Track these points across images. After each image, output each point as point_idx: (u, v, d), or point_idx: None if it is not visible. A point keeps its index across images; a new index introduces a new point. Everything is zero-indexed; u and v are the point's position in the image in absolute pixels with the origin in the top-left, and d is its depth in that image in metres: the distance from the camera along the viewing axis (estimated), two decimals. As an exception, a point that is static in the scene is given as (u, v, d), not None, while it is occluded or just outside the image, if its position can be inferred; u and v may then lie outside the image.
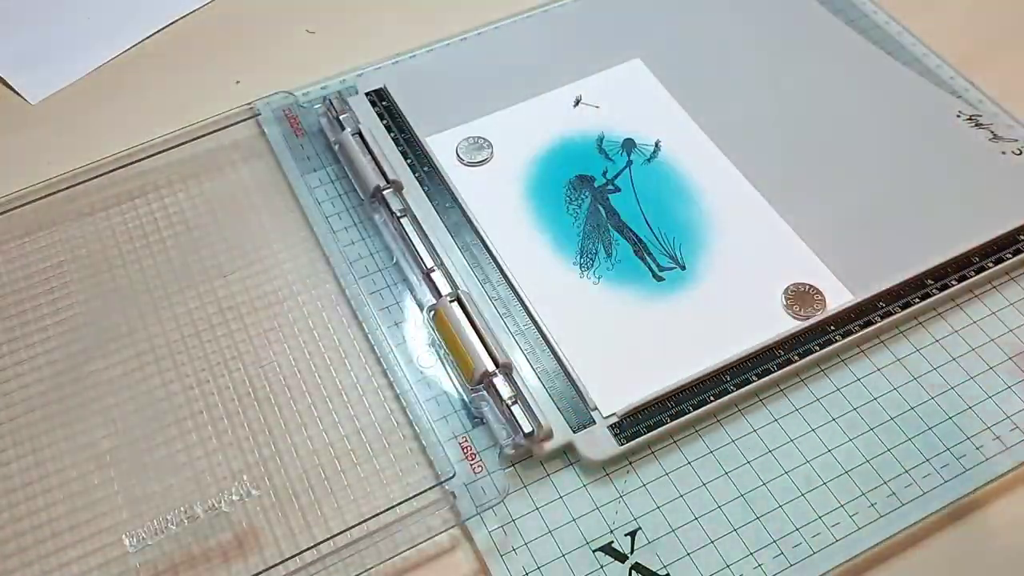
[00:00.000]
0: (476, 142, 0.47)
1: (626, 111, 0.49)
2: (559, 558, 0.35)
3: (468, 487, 0.36)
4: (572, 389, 0.39)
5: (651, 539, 0.36)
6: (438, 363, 0.40)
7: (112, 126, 0.50)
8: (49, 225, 0.45)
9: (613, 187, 0.46)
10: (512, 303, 0.41)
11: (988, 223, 0.43)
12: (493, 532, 0.36)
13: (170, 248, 0.44)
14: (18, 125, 0.50)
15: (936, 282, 0.41)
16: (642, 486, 0.37)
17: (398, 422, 0.39)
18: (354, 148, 0.45)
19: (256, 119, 0.48)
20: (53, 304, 0.42)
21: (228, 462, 0.38)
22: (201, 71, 0.53)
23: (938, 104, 0.48)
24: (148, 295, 0.43)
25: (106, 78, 0.52)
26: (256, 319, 0.42)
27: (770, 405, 0.39)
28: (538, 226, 0.44)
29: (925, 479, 0.37)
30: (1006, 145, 0.46)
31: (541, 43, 0.52)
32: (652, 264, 0.43)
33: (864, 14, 0.54)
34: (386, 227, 0.44)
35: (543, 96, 0.49)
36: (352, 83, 0.50)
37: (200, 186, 0.47)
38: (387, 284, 0.43)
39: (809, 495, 0.37)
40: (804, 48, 0.51)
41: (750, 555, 0.35)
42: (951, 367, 0.40)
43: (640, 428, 0.37)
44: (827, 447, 0.38)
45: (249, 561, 0.35)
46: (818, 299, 0.41)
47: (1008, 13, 0.54)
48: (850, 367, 0.40)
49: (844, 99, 0.49)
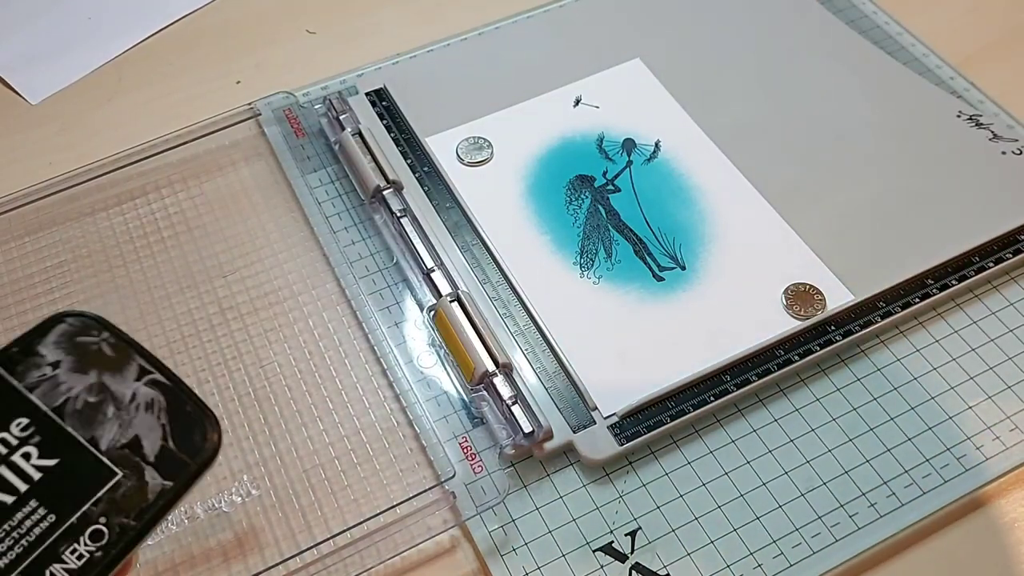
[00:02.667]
0: (476, 142, 0.47)
1: (626, 111, 0.49)
2: (559, 558, 0.35)
3: (468, 487, 0.36)
4: (572, 389, 0.39)
5: (651, 539, 0.36)
6: (438, 363, 0.40)
7: (112, 126, 0.50)
8: (49, 225, 0.45)
9: (613, 187, 0.46)
10: (512, 303, 0.41)
11: (988, 223, 0.43)
12: (493, 532, 0.36)
13: (170, 248, 0.44)
14: (18, 125, 0.50)
15: (936, 282, 0.41)
16: (642, 486, 0.37)
17: (398, 422, 0.39)
18: (354, 148, 0.45)
19: (256, 119, 0.48)
20: (53, 304, 0.42)
21: (228, 462, 0.38)
22: (201, 71, 0.53)
23: (938, 104, 0.48)
24: (148, 295, 0.43)
25: (106, 78, 0.52)
26: (256, 319, 0.42)
27: (770, 405, 0.39)
28: (538, 226, 0.44)
29: (925, 479, 0.37)
30: (1006, 145, 0.46)
31: (541, 43, 0.52)
32: (652, 264, 0.43)
33: (864, 14, 0.54)
34: (386, 227, 0.44)
35: (543, 96, 0.49)
36: (352, 83, 0.50)
37: (200, 186, 0.47)
38: (387, 284, 0.43)
39: (809, 495, 0.37)
40: (804, 48, 0.51)
41: (750, 555, 0.35)
42: (951, 367, 0.40)
43: (640, 428, 0.37)
44: (827, 447, 0.38)
45: (249, 561, 0.35)
46: (818, 299, 0.41)
47: (1008, 13, 0.54)
48: (850, 367, 0.40)
49: (844, 99, 0.49)
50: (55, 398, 0.22)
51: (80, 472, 0.21)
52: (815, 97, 0.49)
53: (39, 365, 0.22)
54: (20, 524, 0.20)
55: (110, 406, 0.22)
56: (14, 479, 0.21)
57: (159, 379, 0.22)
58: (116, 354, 0.22)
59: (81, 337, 0.23)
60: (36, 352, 0.22)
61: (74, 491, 0.21)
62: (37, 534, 0.20)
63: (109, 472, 0.21)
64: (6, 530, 0.20)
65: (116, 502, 0.21)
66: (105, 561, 0.20)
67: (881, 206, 0.44)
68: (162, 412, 0.22)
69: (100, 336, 0.23)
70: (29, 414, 0.21)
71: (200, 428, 0.22)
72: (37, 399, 0.22)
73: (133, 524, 0.21)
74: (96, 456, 0.21)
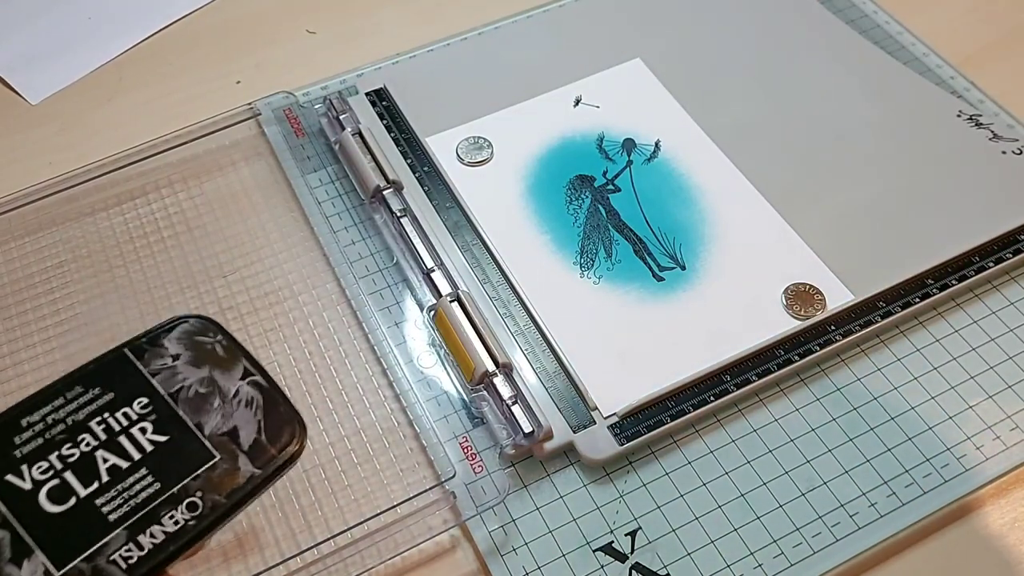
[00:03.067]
0: (476, 142, 0.47)
1: (626, 111, 0.49)
2: (559, 558, 0.35)
3: (468, 487, 0.36)
4: (572, 389, 0.39)
5: (651, 539, 0.36)
6: (438, 363, 0.40)
7: (112, 126, 0.50)
8: (49, 225, 0.45)
9: (613, 187, 0.46)
10: (512, 303, 0.41)
11: (988, 223, 0.43)
12: (493, 532, 0.36)
13: (170, 248, 0.44)
14: (18, 125, 0.50)
15: (936, 282, 0.41)
16: (642, 486, 0.37)
17: (398, 422, 0.39)
18: (354, 148, 0.45)
19: (256, 119, 0.48)
20: (53, 304, 0.42)
21: (228, 462, 0.38)
22: (201, 71, 0.53)
23: (938, 104, 0.48)
24: (148, 295, 0.43)
25: (106, 78, 0.52)
26: (256, 319, 0.42)
27: (770, 405, 0.39)
28: (538, 226, 0.44)
29: (925, 479, 0.37)
30: (1006, 145, 0.46)
31: (541, 43, 0.52)
32: (652, 264, 0.43)
33: (864, 14, 0.54)
34: (386, 227, 0.44)
35: (543, 96, 0.49)
36: (352, 83, 0.50)
37: (200, 186, 0.47)
38: (387, 284, 0.43)
39: (809, 495, 0.37)
40: (804, 48, 0.51)
41: (750, 555, 0.35)
42: (951, 367, 0.40)
43: (640, 428, 0.37)
44: (827, 447, 0.38)
45: (249, 561, 0.35)
46: (818, 299, 0.41)
47: (1008, 13, 0.54)
48: (850, 367, 0.40)
49: (844, 99, 0.49)
50: (172, 385, 0.25)
51: (185, 450, 0.24)
52: (815, 97, 0.49)
53: (162, 356, 0.26)
54: (131, 486, 0.24)
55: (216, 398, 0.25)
56: (130, 448, 0.24)
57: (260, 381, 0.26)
58: (227, 355, 0.26)
59: (199, 336, 0.27)
60: (161, 344, 0.26)
61: (178, 466, 0.24)
62: (143, 497, 0.24)
63: (209, 454, 0.25)
64: (119, 489, 0.24)
65: (212, 480, 0.24)
66: (196, 530, 0.23)
67: (881, 206, 0.44)
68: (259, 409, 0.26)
69: (215, 338, 0.27)
70: (149, 395, 0.25)
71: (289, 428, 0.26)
72: (158, 384, 0.25)
73: (224, 502, 0.24)
74: (200, 439, 0.25)
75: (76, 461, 0.24)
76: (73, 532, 0.23)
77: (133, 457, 0.24)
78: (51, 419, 0.25)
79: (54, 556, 0.23)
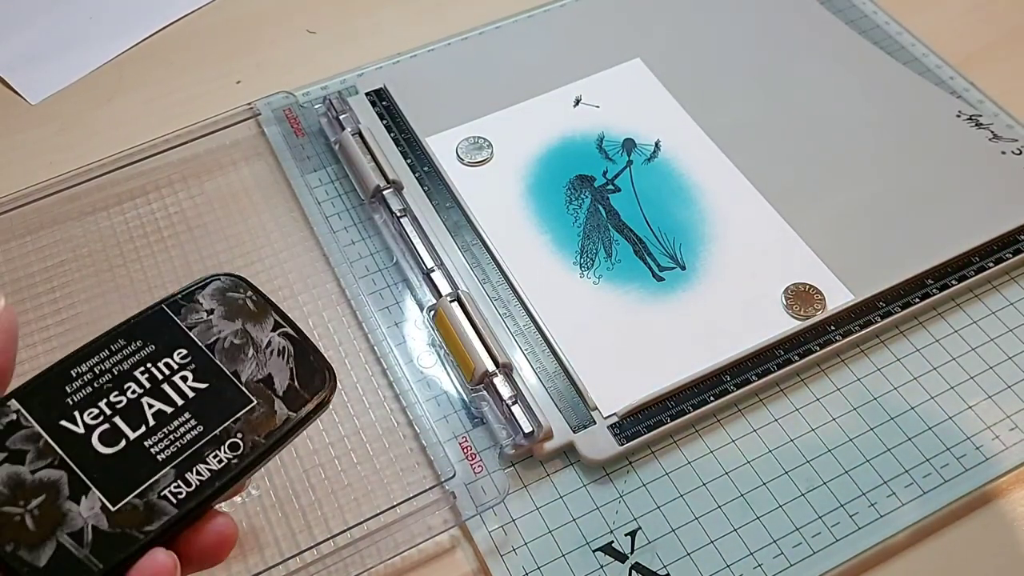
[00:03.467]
0: (476, 142, 0.47)
1: (626, 111, 0.49)
2: (559, 558, 0.35)
3: (468, 487, 0.36)
4: (572, 389, 0.39)
5: (651, 539, 0.36)
6: (438, 363, 0.40)
7: (112, 126, 0.50)
8: (50, 225, 0.45)
9: (613, 187, 0.46)
10: (512, 303, 0.41)
11: (988, 223, 0.43)
12: (493, 532, 0.36)
13: (170, 248, 0.44)
14: (18, 125, 0.50)
15: (936, 282, 0.41)
16: (642, 486, 0.37)
17: (398, 422, 0.39)
18: (354, 148, 0.45)
19: (256, 119, 0.48)
20: (54, 304, 0.42)
21: (228, 462, 0.38)
22: (201, 71, 0.53)
23: (938, 104, 0.48)
24: (148, 295, 0.43)
25: (106, 78, 0.52)
26: (256, 319, 0.42)
27: (770, 405, 0.39)
28: (538, 226, 0.44)
29: (925, 479, 0.37)
30: (1006, 145, 0.46)
31: (541, 43, 0.52)
32: (652, 264, 0.43)
33: (864, 14, 0.54)
34: (386, 227, 0.44)
35: (543, 96, 0.49)
36: (352, 83, 0.50)
37: (200, 186, 0.47)
38: (387, 284, 0.43)
39: (809, 495, 0.37)
40: (804, 48, 0.51)
41: (750, 555, 0.35)
42: (951, 367, 0.40)
43: (640, 428, 0.37)
44: (827, 447, 0.38)
45: (249, 561, 0.35)
46: (818, 299, 0.41)
47: (1008, 13, 0.54)
48: (850, 367, 0.40)
49: (844, 99, 0.49)
50: (208, 337, 0.27)
51: (224, 396, 0.26)
52: (815, 97, 0.49)
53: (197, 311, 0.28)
54: (176, 429, 0.26)
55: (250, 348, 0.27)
56: (173, 395, 0.26)
57: (290, 332, 0.28)
58: (257, 309, 0.28)
59: (231, 293, 0.28)
60: (196, 300, 0.28)
61: (218, 410, 0.26)
62: (188, 439, 0.25)
63: (246, 399, 0.26)
64: (165, 432, 0.25)
65: (251, 423, 0.26)
66: (239, 467, 0.25)
67: (881, 206, 0.44)
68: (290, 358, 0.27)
69: (245, 294, 0.28)
70: (188, 347, 0.27)
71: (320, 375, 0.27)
72: (195, 336, 0.27)
73: (263, 442, 0.26)
74: (237, 385, 0.27)
75: (124, 407, 0.26)
76: (125, 471, 0.25)
77: (176, 403, 0.26)
78: (98, 369, 0.26)
79: (109, 493, 0.24)
